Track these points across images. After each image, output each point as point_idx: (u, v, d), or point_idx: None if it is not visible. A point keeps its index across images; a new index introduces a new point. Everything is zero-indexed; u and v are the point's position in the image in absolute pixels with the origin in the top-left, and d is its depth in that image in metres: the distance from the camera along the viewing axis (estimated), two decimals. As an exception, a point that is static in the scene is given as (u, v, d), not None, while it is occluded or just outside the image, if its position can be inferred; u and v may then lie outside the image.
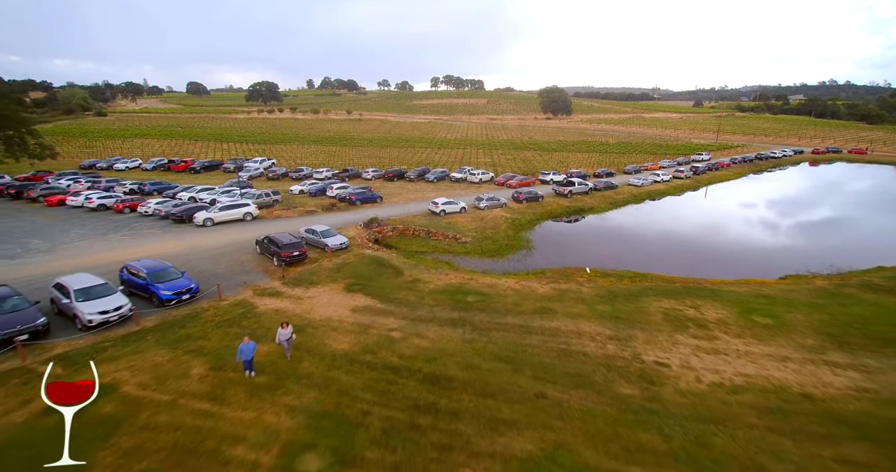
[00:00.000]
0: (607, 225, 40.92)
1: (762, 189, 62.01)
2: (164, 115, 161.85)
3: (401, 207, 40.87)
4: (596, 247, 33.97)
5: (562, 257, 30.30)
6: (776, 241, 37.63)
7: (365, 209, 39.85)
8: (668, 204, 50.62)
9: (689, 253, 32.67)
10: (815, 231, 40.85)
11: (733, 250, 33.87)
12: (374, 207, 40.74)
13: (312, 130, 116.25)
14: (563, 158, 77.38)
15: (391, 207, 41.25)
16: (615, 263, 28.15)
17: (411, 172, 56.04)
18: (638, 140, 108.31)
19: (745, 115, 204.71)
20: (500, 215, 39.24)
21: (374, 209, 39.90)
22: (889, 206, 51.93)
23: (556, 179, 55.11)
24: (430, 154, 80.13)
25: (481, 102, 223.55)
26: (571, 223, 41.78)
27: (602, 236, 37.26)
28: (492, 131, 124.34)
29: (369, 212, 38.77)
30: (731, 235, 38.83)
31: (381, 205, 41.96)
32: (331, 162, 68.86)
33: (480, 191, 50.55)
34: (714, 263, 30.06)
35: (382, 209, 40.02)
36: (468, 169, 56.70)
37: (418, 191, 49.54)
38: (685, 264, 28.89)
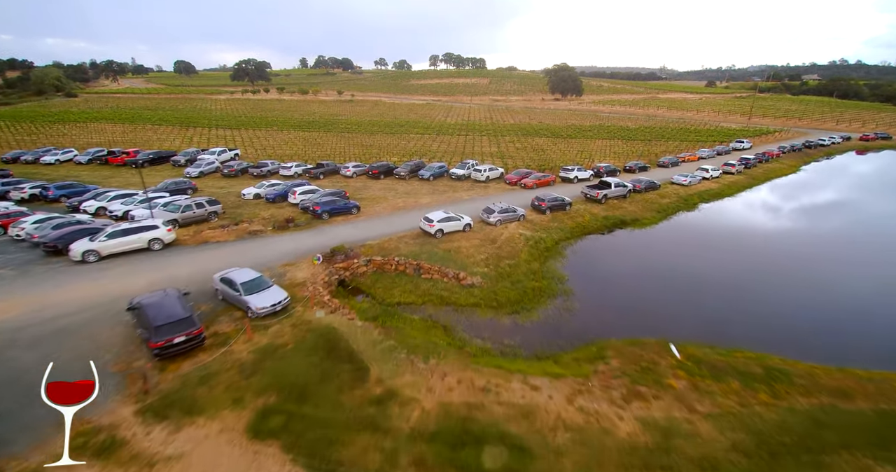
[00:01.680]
0: (664, 248, 30.17)
1: (843, 188, 50.60)
2: (141, 96, 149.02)
3: (383, 223, 30.23)
4: (661, 289, 23.48)
5: (619, 312, 19.98)
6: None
7: (334, 226, 29.21)
8: (731, 211, 39.72)
9: (809, 305, 22.07)
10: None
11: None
12: (348, 222, 30.11)
13: (296, 113, 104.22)
14: (581, 147, 66.13)
15: (371, 221, 30.60)
16: (704, 327, 17.93)
17: (402, 168, 45.09)
18: (660, 124, 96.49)
19: (766, 96, 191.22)
20: (517, 234, 28.64)
21: (346, 226, 29.27)
22: None
23: (582, 177, 44.33)
24: (426, 142, 68.80)
25: (483, 81, 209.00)
26: (608, 237, 31.24)
27: (664, 269, 26.41)
28: (496, 114, 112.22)
29: (340, 230, 28.18)
30: (861, 269, 27.30)
31: (358, 217, 31.29)
32: (308, 153, 57.74)
33: (487, 192, 39.85)
34: (866, 326, 19.64)
35: (358, 225, 29.40)
36: (472, 163, 45.78)
37: (409, 194, 38.77)
38: (819, 333, 18.51)
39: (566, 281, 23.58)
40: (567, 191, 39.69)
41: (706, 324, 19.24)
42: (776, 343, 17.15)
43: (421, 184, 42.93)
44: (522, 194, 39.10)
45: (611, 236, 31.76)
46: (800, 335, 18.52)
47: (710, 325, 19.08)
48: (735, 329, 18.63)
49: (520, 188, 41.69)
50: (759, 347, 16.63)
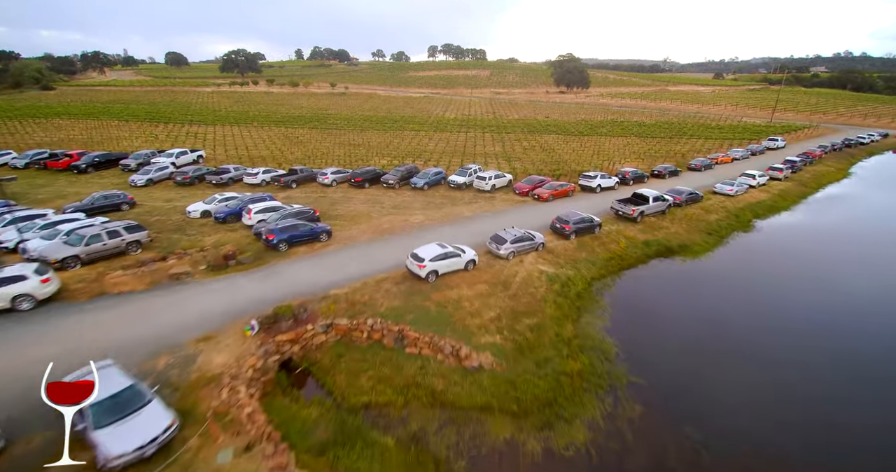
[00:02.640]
0: (737, 292, 22.56)
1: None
2: (121, 88, 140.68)
3: (360, 255, 22.96)
4: (760, 371, 16.21)
5: (715, 427, 12.80)
6: None
7: (292, 262, 21.94)
8: (797, 232, 32.03)
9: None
10: None
11: None
12: (313, 256, 22.81)
13: (282, 107, 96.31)
14: (596, 146, 58.62)
15: (343, 253, 23.31)
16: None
17: (391, 175, 37.68)
18: (678, 119, 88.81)
19: (780, 88, 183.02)
20: (536, 272, 21.43)
21: (308, 262, 21.99)
22: None
23: (606, 185, 37.12)
24: (422, 141, 61.22)
25: (484, 73, 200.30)
26: (654, 271, 23.97)
27: (747, 330, 18.88)
28: (499, 108, 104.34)
29: (299, 269, 20.94)
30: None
31: (327, 247, 23.99)
32: (287, 153, 50.25)
33: (494, 205, 32.60)
34: None
35: (325, 261, 22.14)
36: (474, 169, 38.39)
37: (398, 209, 31.49)
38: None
39: (615, 356, 16.37)
40: (590, 205, 32.47)
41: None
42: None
43: (413, 195, 35.56)
44: (537, 210, 31.83)
45: (656, 269, 24.48)
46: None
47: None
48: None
49: (532, 200, 34.38)
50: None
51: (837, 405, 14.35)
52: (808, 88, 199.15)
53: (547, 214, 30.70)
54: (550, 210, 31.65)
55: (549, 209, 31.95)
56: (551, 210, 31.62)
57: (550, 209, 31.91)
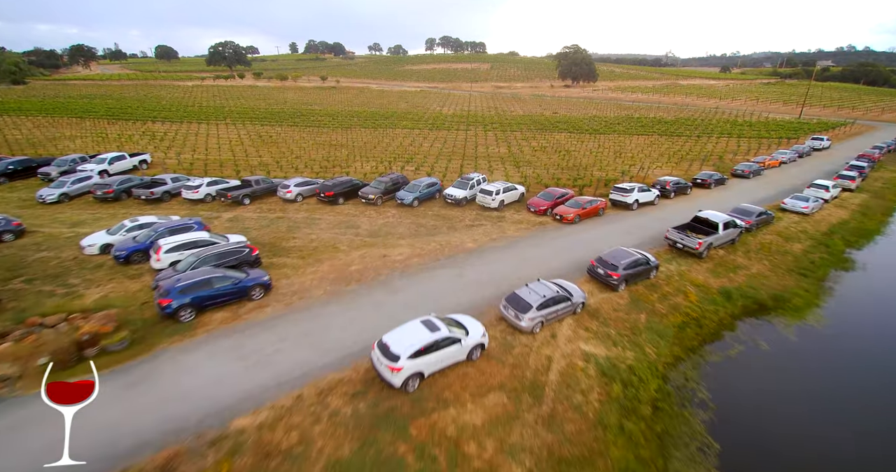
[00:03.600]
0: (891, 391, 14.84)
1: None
2: (95, 82, 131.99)
3: (306, 327, 15.07)
4: None
5: None
6: None
7: (194, 346, 14.02)
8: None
9: None
10: None
11: None
12: (230, 330, 14.89)
13: (264, 102, 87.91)
14: (616, 146, 50.58)
15: (281, 322, 15.39)
16: None
17: (372, 187, 29.68)
18: (699, 115, 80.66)
19: (794, 82, 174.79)
20: (579, 360, 13.62)
21: (219, 346, 14.07)
22: None
23: (645, 199, 29.25)
24: (415, 140, 53.10)
25: (484, 66, 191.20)
26: (748, 345, 16.04)
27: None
28: (502, 103, 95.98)
29: (198, 362, 13.04)
30: None
31: (262, 309, 16.05)
32: (251, 157, 42.15)
33: (503, 230, 24.71)
34: None
35: (245, 343, 14.22)
36: (477, 178, 30.39)
37: (377, 237, 23.55)
38: None
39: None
40: (629, 228, 24.67)
41: None
42: None
43: (399, 214, 27.57)
44: (561, 236, 23.92)
45: (753, 344, 16.48)
46: None
47: None
48: None
49: (553, 221, 26.44)
50: None
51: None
52: (822, 82, 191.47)
53: (576, 243, 22.81)
54: (579, 237, 23.74)
55: (576, 235, 24.04)
56: (580, 237, 23.72)
57: (579, 235, 24.02)
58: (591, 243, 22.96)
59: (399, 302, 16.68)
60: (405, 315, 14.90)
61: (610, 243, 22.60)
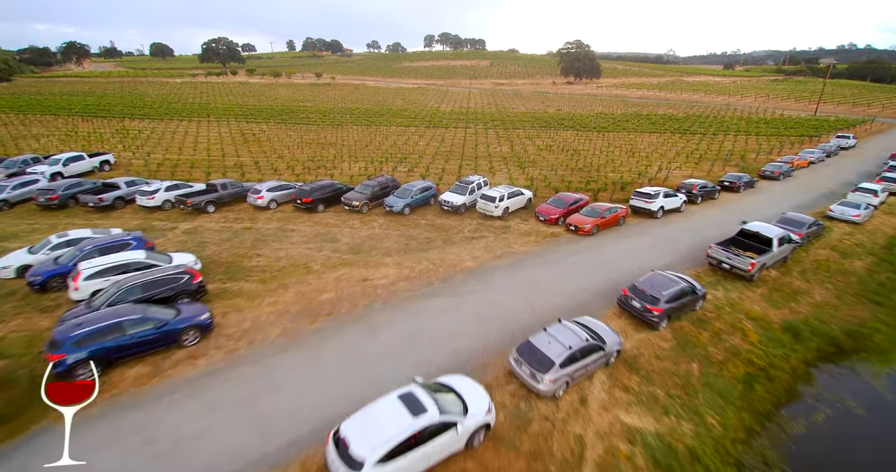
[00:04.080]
0: None
1: None
2: (81, 79, 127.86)
3: (248, 393, 11.23)
4: None
5: None
6: None
7: (85, 425, 10.19)
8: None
9: None
10: None
11: None
12: (149, 393, 11.07)
13: (254, 99, 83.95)
14: (627, 145, 46.73)
15: (217, 382, 11.55)
16: None
17: (357, 193, 25.83)
18: (710, 111, 76.74)
19: (803, 79, 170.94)
20: (620, 442, 9.74)
21: (126, 415, 10.23)
22: None
23: (671, 206, 25.45)
24: (411, 139, 49.24)
25: (484, 63, 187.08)
26: (842, 415, 12.30)
27: None
28: (502, 100, 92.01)
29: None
30: None
31: (192, 362, 12.22)
32: (228, 158, 38.28)
33: (509, 243, 20.95)
34: None
35: (162, 412, 10.37)
36: (477, 181, 26.51)
37: (358, 253, 19.72)
38: None
39: None
40: (656, 241, 20.82)
41: None
42: None
43: (387, 224, 23.72)
44: (579, 251, 20.10)
45: (840, 405, 12.66)
46: None
47: None
48: None
49: (567, 232, 22.61)
50: None
51: None
52: (829, 80, 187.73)
53: (597, 261, 18.98)
54: (600, 253, 19.90)
55: (596, 251, 20.20)
56: (601, 253, 19.88)
57: (599, 251, 20.18)
58: (616, 260, 19.13)
59: (377, 348, 12.85)
60: (384, 370, 11.11)
61: (636, 260, 18.79)
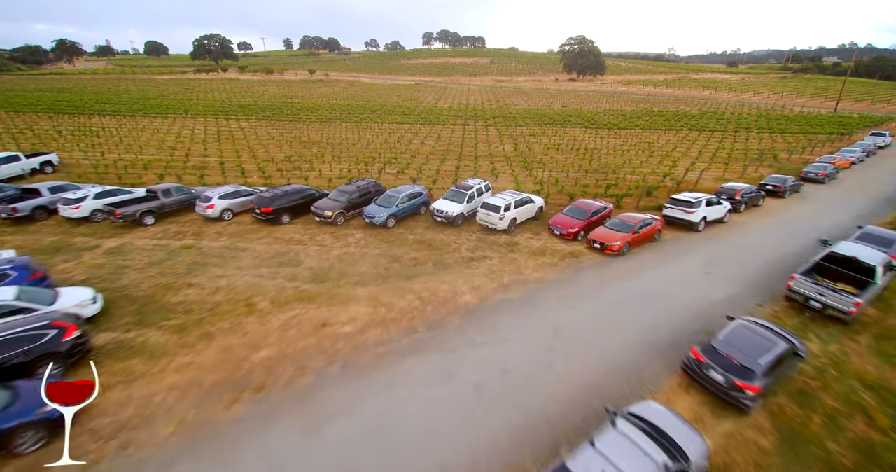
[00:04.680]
0: None
1: None
2: (72, 76, 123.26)
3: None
4: None
5: None
6: None
7: None
8: None
9: None
10: None
11: None
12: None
13: (240, 95, 79.24)
14: (644, 143, 42.09)
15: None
16: None
17: (330, 200, 21.13)
18: (722, 108, 72.04)
19: (813, 77, 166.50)
20: None
21: None
22: None
23: (714, 217, 20.81)
24: (404, 137, 44.61)
25: (483, 61, 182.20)
26: None
27: None
28: (503, 96, 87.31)
29: None
30: None
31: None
32: (192, 158, 33.60)
33: (518, 266, 16.34)
34: None
35: None
36: (477, 186, 21.85)
37: (322, 282, 15.03)
38: None
39: None
40: (702, 264, 16.15)
41: None
42: None
43: (366, 240, 19.05)
44: (607, 278, 15.46)
45: None
46: None
47: None
48: None
49: (591, 250, 17.94)
50: None
51: None
52: (837, 77, 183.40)
53: (637, 295, 14.35)
54: (639, 283, 15.24)
55: (633, 279, 15.53)
56: (641, 282, 15.22)
57: (636, 279, 15.52)
58: (663, 294, 14.48)
59: (322, 459, 8.17)
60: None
61: (690, 294, 14.15)
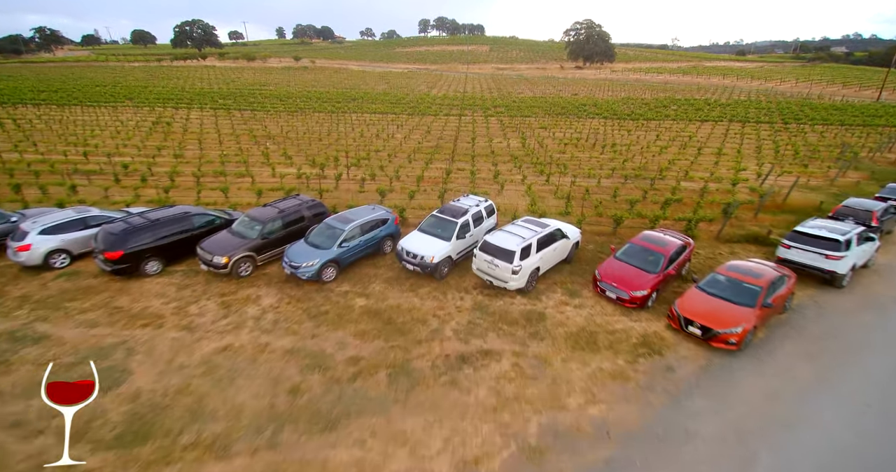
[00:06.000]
0: None
1: None
2: (34, 65, 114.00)
3: None
4: None
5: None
6: None
7: None
8: None
9: None
10: None
11: None
12: None
13: (207, 83, 70.23)
14: (680, 137, 33.66)
15: None
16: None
17: (229, 236, 12.75)
18: (753, 97, 63.27)
19: (834, 65, 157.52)
20: None
21: None
22: None
23: (864, 254, 12.15)
24: (385, 129, 36.14)
25: (483, 49, 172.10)
26: None
27: None
28: (506, 84, 78.44)
29: None
30: None
31: None
32: (98, 157, 25.04)
33: (547, 354, 7.56)
34: None
35: None
36: (474, 211, 13.51)
37: (143, 444, 6.54)
38: None
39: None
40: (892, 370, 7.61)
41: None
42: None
43: (277, 312, 10.73)
44: (738, 430, 6.92)
45: None
46: None
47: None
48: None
49: (670, 329, 9.58)
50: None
51: None
52: (856, 66, 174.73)
53: None
54: (798, 420, 6.72)
55: (783, 409, 7.02)
56: (801, 418, 6.68)
57: (786, 407, 6.98)
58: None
59: None
60: None
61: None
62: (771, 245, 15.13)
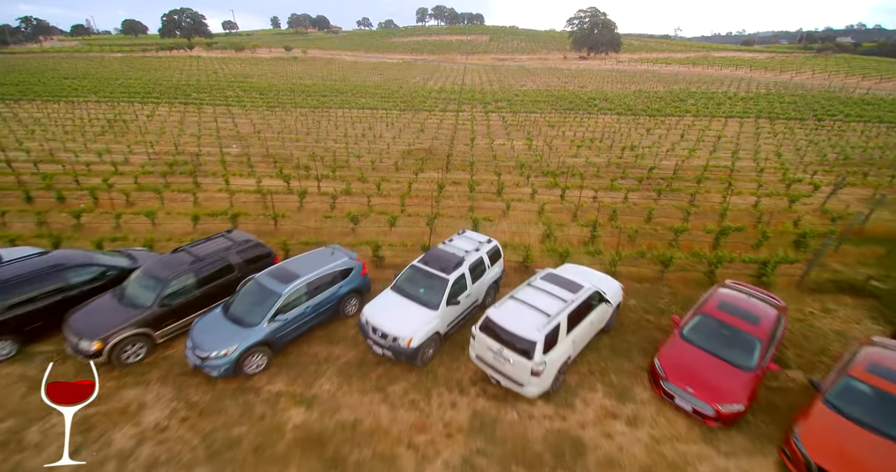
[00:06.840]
0: None
1: None
2: (14, 55, 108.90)
3: None
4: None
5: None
6: None
7: None
8: None
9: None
10: None
11: None
12: None
13: (186, 75, 65.55)
14: (709, 137, 29.53)
15: None
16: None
17: (114, 305, 8.76)
18: (774, 89, 58.86)
19: (847, 56, 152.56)
20: None
21: None
22: None
23: None
24: (372, 127, 31.94)
25: (482, 39, 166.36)
26: None
27: None
28: (507, 76, 73.76)
29: None
30: None
31: None
32: (25, 161, 20.87)
33: None
34: None
35: None
36: (474, 255, 9.57)
37: None
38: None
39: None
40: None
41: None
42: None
43: (159, 445, 6.66)
44: None
45: None
46: None
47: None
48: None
49: None
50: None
51: None
52: (867, 56, 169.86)
53: None
54: None
55: None
56: None
57: None
58: None
59: None
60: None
61: None
62: (871, 297, 11.19)
